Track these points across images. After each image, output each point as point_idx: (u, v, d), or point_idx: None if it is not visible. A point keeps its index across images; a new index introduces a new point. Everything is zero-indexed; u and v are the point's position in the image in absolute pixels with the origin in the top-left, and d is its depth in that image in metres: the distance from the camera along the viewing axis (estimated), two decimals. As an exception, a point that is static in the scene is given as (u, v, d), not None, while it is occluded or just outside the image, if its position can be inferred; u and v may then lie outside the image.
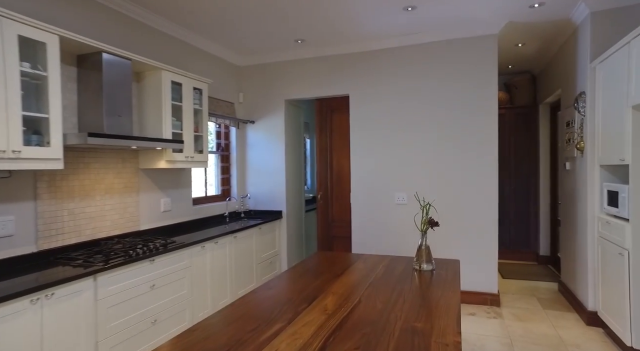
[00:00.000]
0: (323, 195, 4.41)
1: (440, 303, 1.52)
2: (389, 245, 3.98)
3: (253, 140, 4.55)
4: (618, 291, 2.74)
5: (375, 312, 1.43)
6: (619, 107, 2.70)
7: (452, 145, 3.76)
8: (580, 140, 3.36)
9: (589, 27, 3.20)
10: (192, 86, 3.34)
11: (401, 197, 3.95)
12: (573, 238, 3.65)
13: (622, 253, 2.65)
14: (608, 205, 2.95)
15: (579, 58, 3.43)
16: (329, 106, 4.35)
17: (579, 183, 3.47)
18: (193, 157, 3.33)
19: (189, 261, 2.95)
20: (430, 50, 3.80)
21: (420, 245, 2.06)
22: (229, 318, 1.40)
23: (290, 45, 4.07)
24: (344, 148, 4.30)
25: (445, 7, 3.18)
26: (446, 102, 3.76)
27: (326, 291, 1.69)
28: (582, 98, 3.30)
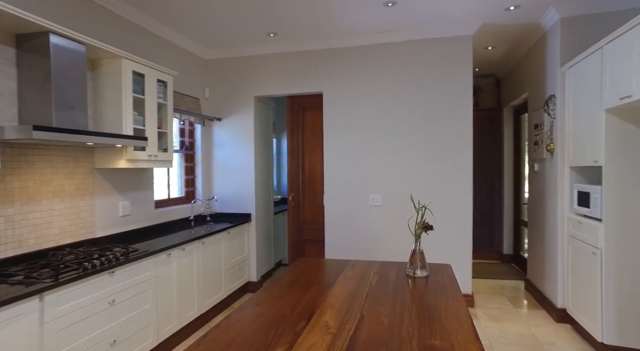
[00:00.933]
0: (294, 197, 4.23)
1: (449, 315, 1.41)
2: (364, 248, 3.88)
3: (220, 139, 4.27)
4: (589, 289, 2.82)
5: (384, 329, 1.29)
6: (592, 110, 2.77)
7: (427, 146, 3.72)
8: (551, 142, 3.45)
9: (559, 32, 3.29)
10: (156, 78, 3.04)
11: (376, 198, 3.86)
12: (542, 238, 3.74)
13: (595, 252, 2.72)
14: (578, 205, 3.03)
15: (549, 62, 3.52)
16: (301, 104, 4.18)
17: (548, 184, 3.56)
18: (157, 156, 3.02)
19: (153, 271, 2.65)
20: (407, 49, 3.75)
21: (415, 250, 1.95)
22: (217, 346, 1.19)
23: (262, 38, 3.85)
24: (317, 148, 4.14)
25: (425, 3, 3.13)
26: (422, 102, 3.73)
27: (322, 306, 1.53)
28: (553, 101, 3.39)
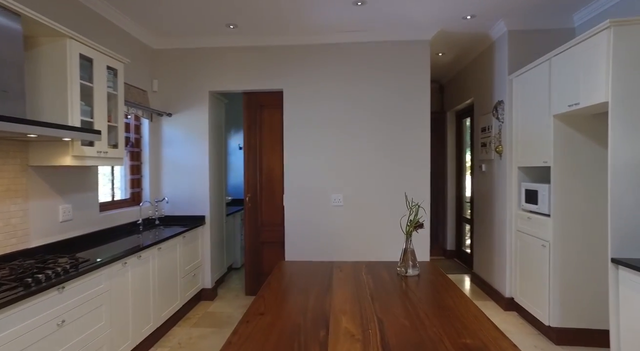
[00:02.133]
0: (252, 198, 4.04)
1: (463, 312, 1.42)
2: (326, 249, 3.84)
3: (170, 136, 3.93)
4: (537, 278, 3.09)
5: (409, 331, 1.25)
6: (541, 115, 3.04)
7: (387, 147, 3.80)
8: (499, 144, 3.73)
9: (506, 43, 3.56)
10: (105, 64, 2.68)
11: (337, 198, 3.85)
12: (490, 233, 4.03)
13: (544, 244, 2.98)
14: (526, 202, 3.31)
15: (496, 70, 3.80)
16: (259, 101, 4.02)
17: (496, 183, 3.85)
18: (107, 153, 2.67)
19: (107, 284, 2.33)
20: (369, 50, 3.79)
21: (406, 248, 1.95)
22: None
23: (221, 30, 3.62)
24: (276, 147, 4.01)
25: (391, 5, 3.18)
26: (382, 104, 3.80)
27: (333, 311, 1.44)
28: (501, 107, 3.67)
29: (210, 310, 3.64)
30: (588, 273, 2.86)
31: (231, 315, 3.50)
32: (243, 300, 3.89)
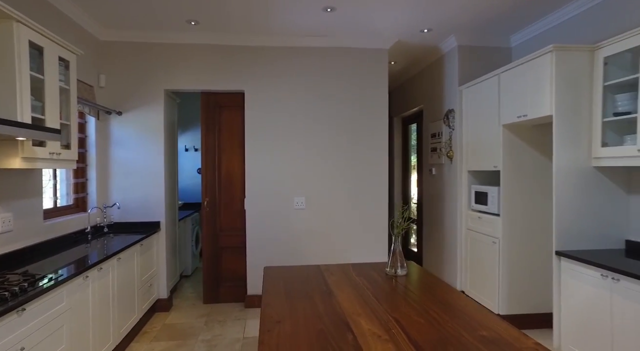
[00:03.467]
0: (210, 202, 3.88)
1: (463, 306, 1.54)
2: (289, 252, 3.83)
3: (120, 136, 3.62)
4: (487, 272, 3.41)
5: (429, 329, 1.33)
6: (491, 124, 3.37)
7: (348, 151, 3.91)
8: (450, 149, 4.04)
9: (457, 56, 3.88)
10: (57, 54, 2.41)
11: (300, 201, 3.86)
12: (440, 232, 4.34)
13: (494, 241, 3.31)
14: (476, 203, 3.63)
15: (447, 80, 4.12)
16: (218, 102, 3.88)
17: (447, 185, 4.16)
18: (60, 154, 2.39)
19: (68, 302, 2.09)
20: (331, 55, 3.86)
21: (394, 250, 2.05)
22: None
23: (181, 25, 3.44)
24: (235, 149, 3.90)
25: (358, 13, 3.29)
26: (343, 108, 3.90)
27: (347, 314, 1.47)
28: (452, 115, 3.98)
29: (168, 321, 3.42)
30: (532, 265, 3.23)
31: (193, 326, 3.32)
32: (201, 309, 3.72)
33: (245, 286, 3.87)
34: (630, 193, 2.66)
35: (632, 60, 2.45)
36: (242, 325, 3.33)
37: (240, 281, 3.89)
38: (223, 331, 3.22)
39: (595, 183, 2.66)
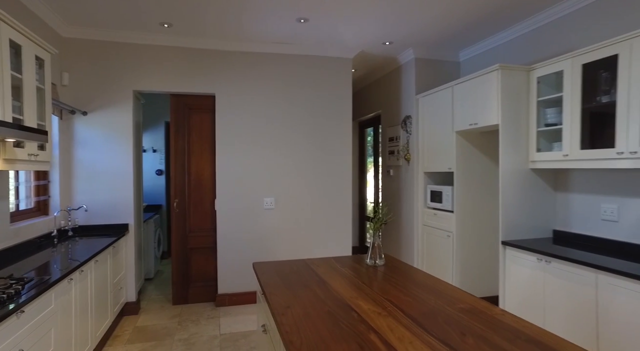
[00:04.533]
0: (179, 203, 3.90)
1: (440, 287, 1.83)
2: (261, 251, 3.96)
3: (85, 136, 3.52)
4: (442, 262, 3.81)
5: (418, 305, 1.59)
6: (445, 130, 3.77)
7: (315, 153, 4.13)
8: (407, 152, 4.42)
9: (414, 68, 4.27)
10: (34, 53, 2.35)
11: (269, 201, 4.01)
12: (397, 229, 4.71)
13: (449, 235, 3.71)
14: (431, 201, 4.03)
15: (404, 89, 4.49)
16: (188, 104, 3.90)
17: (405, 185, 4.54)
18: (37, 155, 2.34)
19: (55, 304, 2.08)
20: (300, 61, 4.06)
21: (373, 243, 2.30)
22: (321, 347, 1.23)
23: (153, 27, 3.43)
24: (205, 151, 3.95)
25: (328, 25, 3.53)
26: (311, 112, 4.11)
27: (347, 298, 1.68)
28: (409, 121, 4.36)
29: (140, 324, 3.40)
30: (481, 255, 3.68)
31: (166, 326, 3.34)
32: (172, 310, 3.72)
33: (215, 286, 3.94)
34: (557, 191, 3.17)
35: (557, 81, 2.94)
36: (216, 323, 3.41)
37: (211, 281, 3.95)
38: (198, 329, 3.28)
39: (532, 183, 3.13)
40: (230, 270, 3.88)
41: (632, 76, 2.30)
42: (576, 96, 2.67)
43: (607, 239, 2.76)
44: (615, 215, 2.71)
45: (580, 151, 2.65)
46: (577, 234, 2.99)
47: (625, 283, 2.13)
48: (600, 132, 2.63)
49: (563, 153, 2.78)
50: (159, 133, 5.79)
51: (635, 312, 2.08)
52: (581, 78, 2.63)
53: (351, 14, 3.22)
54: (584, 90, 2.64)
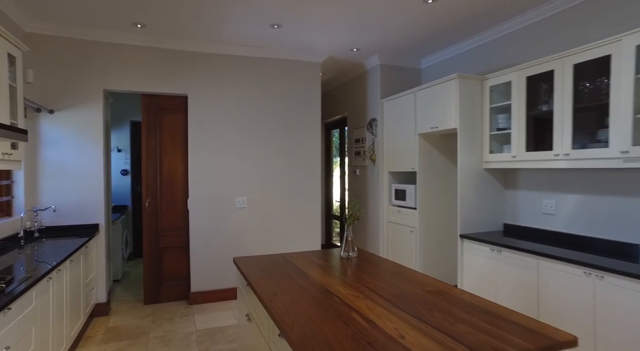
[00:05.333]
0: (151, 203, 3.90)
1: (407, 273, 2.05)
2: (234, 249, 4.05)
3: (52, 135, 3.45)
4: (406, 256, 4.09)
5: (391, 289, 1.79)
6: (408, 133, 4.06)
7: (285, 153, 4.28)
8: (373, 153, 4.67)
9: (379, 73, 4.54)
10: (6, 51, 2.33)
11: (241, 201, 4.11)
12: (364, 225, 4.96)
13: (412, 230, 4.00)
14: (395, 199, 4.31)
15: (369, 93, 4.75)
16: (160, 104, 3.91)
17: (370, 184, 4.79)
18: (11, 155, 2.32)
19: (36, 303, 2.09)
20: (271, 65, 4.19)
21: (347, 237, 2.49)
22: (312, 328, 1.39)
23: (125, 27, 3.43)
24: (178, 151, 3.98)
25: (301, 31, 3.70)
26: (281, 114, 4.26)
27: (326, 285, 1.85)
28: (375, 123, 4.62)
29: (112, 324, 3.38)
30: (442, 248, 3.99)
31: (140, 326, 3.35)
32: (144, 310, 3.72)
33: (188, 284, 3.97)
34: (507, 188, 3.53)
35: (506, 90, 3.29)
36: (191, 320, 3.47)
37: (183, 280, 3.98)
38: (173, 327, 3.32)
39: (485, 182, 3.47)
40: (203, 268, 3.94)
41: (564, 89, 2.66)
42: (522, 104, 3.02)
43: (547, 230, 3.14)
44: (553, 209, 3.09)
45: (526, 153, 3.00)
46: (523, 227, 3.36)
47: (561, 266, 2.47)
48: (541, 136, 3.00)
49: (511, 155, 3.12)
50: (124, 133, 5.68)
51: (567, 288, 2.43)
52: (526, 89, 2.99)
53: (322, 22, 3.41)
54: (528, 100, 2.99)
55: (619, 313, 2.16)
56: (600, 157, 2.45)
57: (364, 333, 1.33)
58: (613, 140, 2.36)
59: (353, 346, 1.23)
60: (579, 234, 2.89)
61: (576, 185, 2.93)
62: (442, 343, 1.24)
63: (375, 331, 1.34)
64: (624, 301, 2.13)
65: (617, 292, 2.17)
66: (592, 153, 2.50)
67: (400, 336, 1.29)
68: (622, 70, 2.32)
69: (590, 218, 2.82)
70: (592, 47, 2.48)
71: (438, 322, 1.41)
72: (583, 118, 2.67)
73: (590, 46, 2.49)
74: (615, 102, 2.36)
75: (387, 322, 1.41)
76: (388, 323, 1.40)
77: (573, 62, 2.61)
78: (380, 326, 1.38)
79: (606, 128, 2.45)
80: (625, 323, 2.13)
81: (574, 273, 2.40)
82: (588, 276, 2.31)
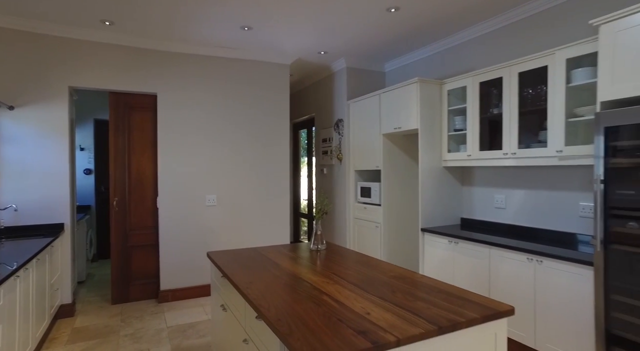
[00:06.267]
0: (120, 202, 3.86)
1: (372, 262, 2.22)
2: (204, 246, 4.08)
3: (13, 133, 3.35)
4: (371, 250, 4.30)
5: (358, 275, 1.95)
6: (373, 133, 4.27)
7: (254, 152, 4.37)
8: (339, 152, 4.85)
9: (345, 76, 4.73)
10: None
11: (211, 199, 4.16)
12: (331, 222, 5.13)
13: (377, 226, 4.21)
14: (361, 197, 4.51)
15: (336, 95, 4.93)
16: (128, 103, 3.89)
17: (337, 183, 4.97)
18: (-24, 152, 2.28)
19: (4, 301, 2.08)
20: (241, 66, 4.26)
21: (315, 231, 2.63)
22: (282, 305, 1.52)
23: (93, 24, 3.39)
24: (147, 149, 3.97)
25: (271, 34, 3.81)
26: (251, 114, 4.34)
27: (300, 274, 1.98)
28: (342, 124, 4.80)
29: (78, 325, 3.34)
30: (404, 241, 4.23)
31: (108, 325, 3.33)
32: (112, 310, 3.69)
33: (157, 283, 3.97)
34: (463, 185, 3.82)
35: (462, 94, 3.57)
36: (161, 318, 3.48)
37: (153, 278, 3.97)
38: (144, 324, 3.33)
39: (444, 179, 3.73)
40: (173, 266, 3.95)
41: (511, 94, 2.95)
42: (476, 107, 3.29)
43: (498, 223, 3.44)
44: (503, 203, 3.39)
45: (479, 152, 3.27)
46: (478, 220, 3.65)
47: (508, 253, 2.75)
48: (493, 137, 3.29)
49: (467, 154, 3.39)
50: (87, 131, 5.52)
51: (513, 272, 2.70)
52: (479, 93, 3.26)
53: (291, 26, 3.54)
54: (481, 103, 3.27)
55: (553, 289, 2.45)
56: (540, 155, 2.75)
57: (334, 311, 1.48)
58: (550, 140, 2.67)
59: (325, 321, 1.37)
60: (525, 225, 3.21)
61: (522, 181, 3.24)
62: (403, 317, 1.41)
63: (344, 310, 1.49)
64: (557, 279, 2.42)
65: (552, 273, 2.46)
66: (535, 152, 2.80)
67: (366, 313, 1.45)
68: (556, 79, 2.62)
69: (534, 210, 3.14)
70: (533, 58, 2.77)
71: (400, 301, 1.58)
72: (527, 121, 2.97)
73: (531, 57, 2.78)
74: (552, 107, 2.66)
75: (354, 302, 1.57)
76: (356, 303, 1.56)
77: (518, 71, 2.90)
78: (349, 306, 1.53)
79: (545, 130, 2.75)
80: (557, 296, 2.42)
81: (519, 259, 2.68)
82: (530, 261, 2.59)
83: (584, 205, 2.79)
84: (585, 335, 2.31)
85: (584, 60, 2.56)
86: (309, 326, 1.34)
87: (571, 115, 2.60)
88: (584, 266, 2.30)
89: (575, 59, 2.56)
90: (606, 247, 2.12)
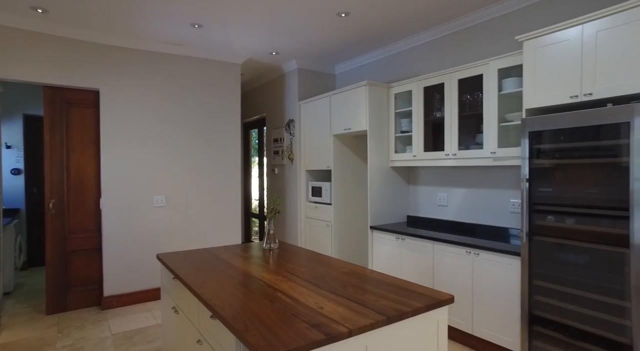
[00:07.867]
0: (57, 204, 3.60)
1: (324, 259, 2.30)
2: (151, 248, 3.93)
3: None
4: (322, 247, 4.40)
5: (310, 272, 2.02)
6: (324, 134, 4.36)
7: (204, 151, 4.29)
8: (291, 152, 4.90)
9: (296, 76, 4.78)
10: None
11: (160, 199, 4.02)
12: (283, 221, 5.16)
13: (328, 224, 4.31)
14: (312, 196, 4.59)
15: (287, 95, 4.97)
16: (66, 98, 3.63)
17: (289, 182, 5.01)
18: None
19: None
20: (189, 63, 4.16)
21: (268, 230, 2.66)
22: (236, 300, 1.54)
23: (22, 10, 3.14)
24: (88, 148, 3.74)
25: (221, 32, 3.76)
26: (200, 113, 4.25)
27: (253, 273, 2.00)
28: (293, 124, 4.85)
29: (4, 341, 3.06)
30: (354, 238, 4.37)
31: (43, 337, 3.10)
32: (47, 321, 3.43)
33: (100, 289, 3.76)
34: (409, 184, 4.03)
35: (408, 98, 3.78)
36: (105, 325, 3.31)
37: (95, 284, 3.75)
38: (85, 334, 3.15)
39: (392, 178, 3.92)
40: (118, 270, 3.76)
41: (452, 100, 3.18)
42: (420, 111, 3.50)
43: (441, 219, 3.68)
44: (445, 201, 3.64)
45: (424, 153, 3.48)
46: (423, 217, 3.88)
47: (449, 248, 2.96)
48: (436, 139, 3.52)
49: (412, 155, 3.59)
50: (15, 128, 5.07)
51: (454, 264, 2.92)
52: (423, 97, 3.47)
53: (242, 25, 3.52)
54: (426, 107, 3.49)
55: (487, 278, 2.69)
56: (478, 156, 3.00)
57: (288, 307, 1.52)
58: (485, 143, 2.92)
59: (279, 317, 1.42)
60: (465, 221, 3.47)
61: (462, 180, 3.50)
62: (354, 310, 1.49)
63: (298, 305, 1.55)
64: (491, 270, 2.67)
65: (487, 264, 2.70)
66: (472, 153, 3.04)
67: (319, 308, 1.52)
68: (490, 87, 2.88)
69: (472, 207, 3.41)
70: (471, 66, 3.02)
71: (351, 295, 1.67)
72: (466, 124, 3.22)
73: (469, 65, 3.02)
74: (487, 112, 2.91)
75: (308, 298, 1.63)
76: (309, 299, 1.62)
77: (458, 77, 3.13)
78: (302, 302, 1.59)
79: (481, 133, 3.00)
80: (491, 285, 2.66)
81: (458, 253, 2.90)
82: (468, 254, 2.82)
83: (514, 202, 3.08)
84: (512, 317, 2.56)
85: (513, 70, 2.84)
86: (264, 322, 1.37)
87: (503, 120, 2.87)
88: (512, 256, 2.55)
89: (506, 69, 2.83)
90: (530, 238, 2.38)
